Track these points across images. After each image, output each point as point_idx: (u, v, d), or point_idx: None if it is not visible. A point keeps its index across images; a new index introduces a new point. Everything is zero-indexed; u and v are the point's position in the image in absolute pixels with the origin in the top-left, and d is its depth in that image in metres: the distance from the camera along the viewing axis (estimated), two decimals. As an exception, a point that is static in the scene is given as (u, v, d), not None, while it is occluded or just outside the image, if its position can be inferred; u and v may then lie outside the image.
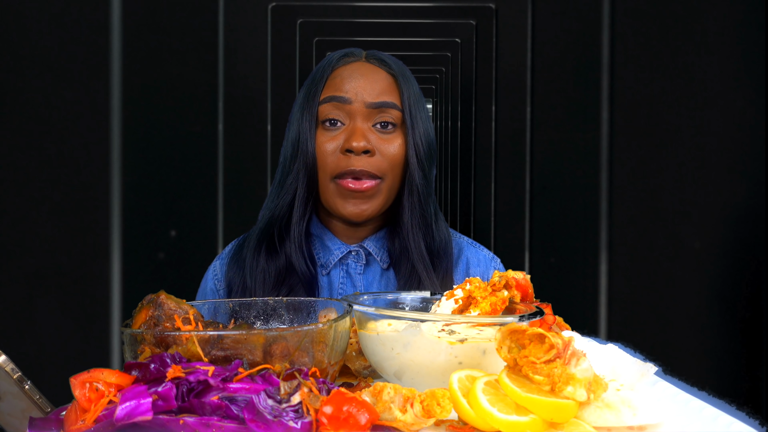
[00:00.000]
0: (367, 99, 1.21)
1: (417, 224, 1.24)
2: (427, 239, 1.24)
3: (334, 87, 1.23)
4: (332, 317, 0.84)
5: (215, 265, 1.33)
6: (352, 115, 1.22)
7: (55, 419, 0.67)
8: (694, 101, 2.61)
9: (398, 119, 1.23)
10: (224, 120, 3.20)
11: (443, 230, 1.28)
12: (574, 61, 3.17)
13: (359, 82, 1.22)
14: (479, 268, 1.32)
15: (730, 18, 2.58)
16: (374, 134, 1.22)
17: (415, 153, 1.23)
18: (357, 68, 1.24)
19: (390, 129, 1.22)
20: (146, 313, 0.80)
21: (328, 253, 1.28)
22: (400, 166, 1.23)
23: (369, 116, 1.22)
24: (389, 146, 1.22)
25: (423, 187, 1.24)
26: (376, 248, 1.28)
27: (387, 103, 1.22)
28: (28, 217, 2.47)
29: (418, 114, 1.24)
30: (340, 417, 0.63)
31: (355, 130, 1.21)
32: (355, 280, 1.27)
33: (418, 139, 1.23)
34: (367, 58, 1.26)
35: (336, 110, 1.22)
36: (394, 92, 1.23)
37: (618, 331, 2.78)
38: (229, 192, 3.19)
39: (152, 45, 2.88)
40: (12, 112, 2.44)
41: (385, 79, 1.24)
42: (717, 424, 0.70)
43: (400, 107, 1.23)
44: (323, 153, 1.22)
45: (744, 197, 2.56)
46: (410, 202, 1.24)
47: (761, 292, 2.50)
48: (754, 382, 2.55)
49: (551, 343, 0.69)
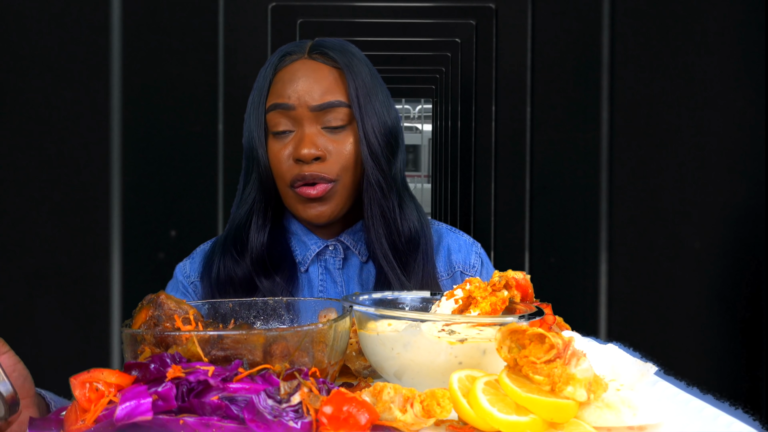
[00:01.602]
0: (311, 102, 1.16)
1: (377, 221, 1.19)
2: (391, 236, 1.20)
3: (277, 93, 1.17)
4: (332, 317, 0.84)
5: (184, 264, 1.29)
6: (299, 121, 1.17)
7: (55, 419, 0.67)
8: (694, 101, 2.61)
9: (347, 116, 1.17)
10: (224, 120, 3.20)
11: (411, 221, 1.23)
12: (574, 61, 3.17)
13: (301, 85, 1.16)
14: (461, 254, 1.29)
15: (730, 18, 2.58)
16: (324, 137, 1.17)
17: (368, 147, 1.17)
18: (298, 69, 1.18)
19: (339, 129, 1.18)
20: (146, 313, 0.80)
21: (305, 249, 1.25)
22: (354, 165, 1.18)
23: (316, 119, 1.17)
24: (341, 147, 1.17)
25: (380, 182, 1.19)
26: (353, 241, 1.25)
27: (332, 103, 1.16)
28: (28, 217, 2.47)
29: (370, 105, 1.18)
30: (340, 417, 0.63)
31: (303, 137, 1.16)
32: (334, 276, 1.25)
33: (371, 132, 1.17)
34: (310, 53, 1.19)
35: (282, 117, 1.17)
36: (339, 88, 1.17)
37: (618, 331, 2.78)
38: (229, 192, 3.19)
39: (152, 45, 2.88)
40: (12, 112, 2.44)
41: (328, 77, 1.17)
42: (717, 424, 0.70)
43: (347, 103, 1.17)
44: (277, 162, 1.18)
45: (744, 197, 2.56)
46: (368, 198, 1.19)
47: (761, 292, 2.50)
48: (754, 382, 2.55)
49: (551, 343, 0.69)
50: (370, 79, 1.21)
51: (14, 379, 0.77)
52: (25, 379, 0.79)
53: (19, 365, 0.78)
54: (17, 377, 0.78)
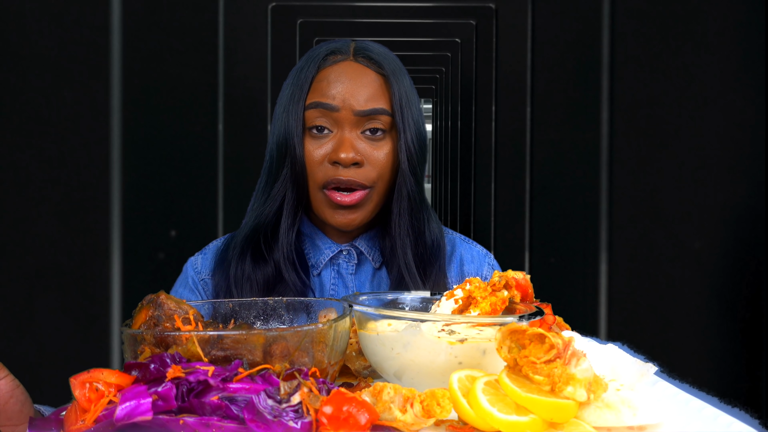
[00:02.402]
0: (356, 107, 1.15)
1: (405, 231, 1.19)
2: (418, 246, 1.19)
3: (320, 92, 1.16)
4: (332, 317, 0.84)
5: (196, 259, 1.28)
6: (340, 124, 1.16)
7: (55, 419, 0.67)
8: (694, 101, 2.61)
9: (388, 124, 1.17)
10: (224, 120, 3.20)
11: (435, 231, 1.23)
12: (574, 61, 3.17)
13: (347, 87, 1.15)
14: (473, 265, 1.29)
15: (730, 18, 2.58)
16: (363, 142, 1.16)
17: (407, 158, 1.17)
18: (344, 70, 1.17)
19: (379, 135, 1.17)
20: (146, 313, 0.80)
21: (319, 253, 1.24)
22: (389, 173, 1.18)
23: (357, 124, 1.16)
24: (379, 153, 1.16)
25: (414, 194, 1.19)
26: (367, 247, 1.24)
27: (376, 110, 1.16)
28: (28, 217, 2.47)
29: (410, 114, 1.18)
30: (340, 417, 0.63)
31: (343, 140, 1.15)
32: (346, 281, 1.24)
33: (410, 142, 1.17)
34: (355, 56, 1.18)
35: (323, 117, 1.16)
36: (383, 96, 1.17)
37: (618, 331, 2.78)
38: (229, 192, 3.19)
39: (152, 45, 2.88)
40: (12, 112, 2.44)
41: (374, 82, 1.17)
42: (717, 424, 0.70)
43: (390, 112, 1.17)
44: (311, 161, 1.16)
45: (744, 197, 2.56)
46: (398, 208, 1.19)
47: (761, 292, 2.50)
48: (754, 382, 2.55)
49: (551, 343, 0.69)
50: (410, 89, 1.21)
51: (12, 405, 0.76)
52: (23, 404, 0.78)
53: (17, 390, 0.77)
54: (14, 402, 0.77)
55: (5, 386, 0.77)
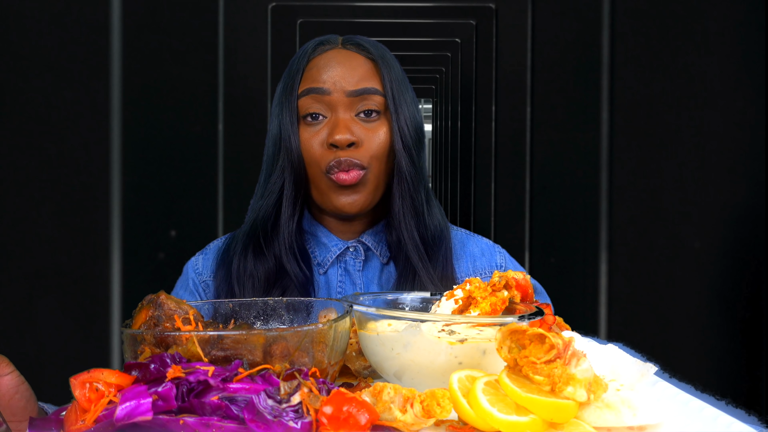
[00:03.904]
0: (347, 87, 1.16)
1: (408, 213, 1.19)
2: (420, 228, 1.20)
3: (311, 78, 1.17)
4: (332, 317, 0.84)
5: (197, 260, 1.28)
6: (333, 107, 1.17)
7: (55, 419, 0.67)
8: (694, 101, 2.61)
9: (381, 105, 1.18)
10: (224, 120, 3.20)
11: (437, 217, 1.24)
12: (574, 61, 3.17)
13: (337, 71, 1.16)
14: (485, 258, 1.28)
15: (730, 18, 2.58)
16: (358, 124, 1.17)
17: (401, 139, 1.18)
18: (333, 56, 1.18)
19: (374, 117, 1.18)
20: (146, 314, 0.80)
21: (325, 250, 1.24)
22: (386, 155, 1.18)
23: (351, 105, 1.17)
24: (374, 135, 1.17)
25: (412, 175, 1.19)
26: (374, 242, 1.24)
27: (368, 89, 1.17)
28: (28, 217, 2.47)
29: (402, 98, 1.19)
30: (340, 417, 0.63)
31: (338, 122, 1.16)
32: (354, 278, 1.23)
33: (404, 124, 1.18)
34: (344, 44, 1.20)
35: (316, 103, 1.17)
36: (374, 77, 1.18)
37: (618, 331, 2.78)
38: (229, 192, 3.19)
39: (152, 45, 2.88)
40: (12, 112, 2.44)
41: (364, 65, 1.18)
42: (717, 424, 0.70)
43: (382, 92, 1.18)
44: (310, 149, 1.17)
45: (744, 197, 2.56)
46: (400, 191, 1.19)
47: (761, 292, 2.50)
48: (754, 382, 2.55)
49: (551, 344, 0.69)
50: (401, 73, 1.22)
51: (17, 401, 0.76)
52: (28, 400, 0.78)
53: (22, 386, 0.77)
54: (19, 398, 0.77)
55: (10, 382, 0.77)
